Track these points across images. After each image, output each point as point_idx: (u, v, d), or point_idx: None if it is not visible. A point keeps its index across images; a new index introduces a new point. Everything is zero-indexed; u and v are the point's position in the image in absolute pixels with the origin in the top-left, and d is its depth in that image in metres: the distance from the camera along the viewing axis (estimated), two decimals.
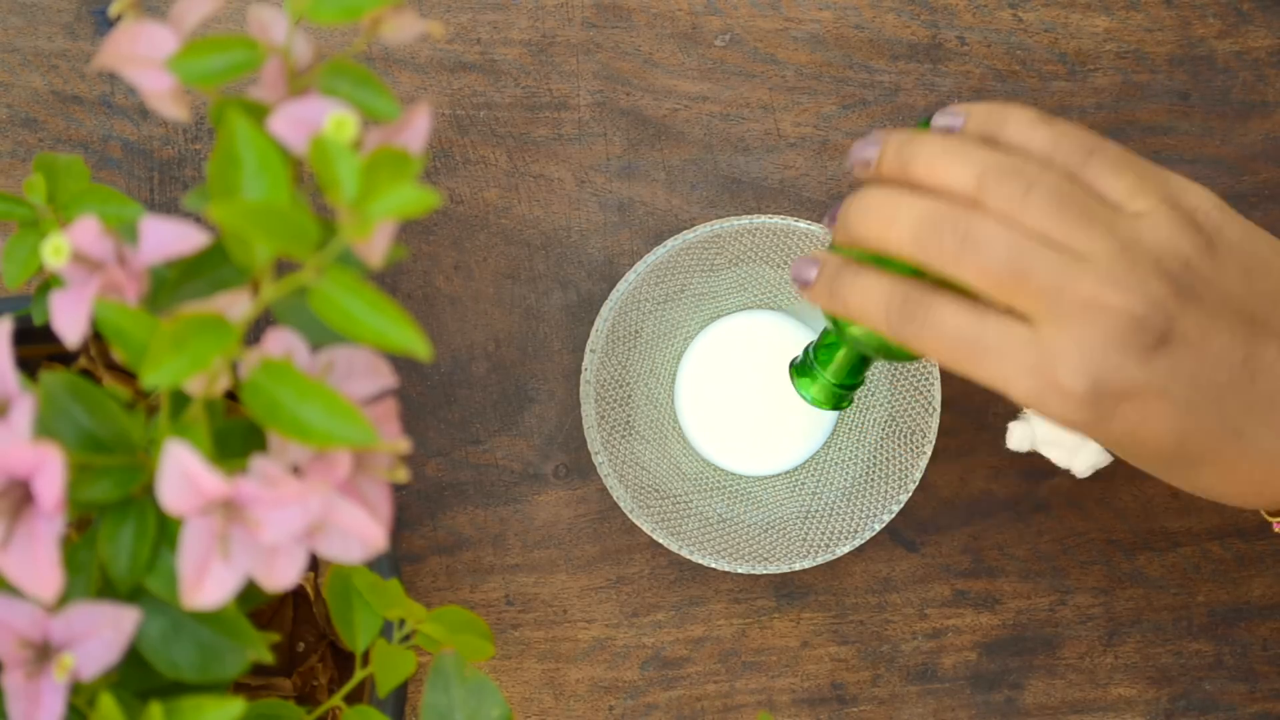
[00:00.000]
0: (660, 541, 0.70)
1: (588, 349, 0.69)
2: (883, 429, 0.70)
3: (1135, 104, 0.71)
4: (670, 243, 0.69)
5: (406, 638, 0.53)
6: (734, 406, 0.71)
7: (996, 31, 0.71)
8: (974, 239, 0.52)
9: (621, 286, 0.69)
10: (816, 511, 0.71)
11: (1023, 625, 0.72)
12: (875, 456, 0.70)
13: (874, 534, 0.69)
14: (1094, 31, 0.71)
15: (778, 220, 0.69)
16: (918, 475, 0.69)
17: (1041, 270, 0.52)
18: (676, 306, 0.71)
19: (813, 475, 0.71)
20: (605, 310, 0.69)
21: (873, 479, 0.70)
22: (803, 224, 0.68)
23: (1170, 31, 0.72)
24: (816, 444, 0.71)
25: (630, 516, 0.69)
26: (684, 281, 0.70)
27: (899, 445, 0.70)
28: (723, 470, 0.71)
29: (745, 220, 0.69)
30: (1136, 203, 0.54)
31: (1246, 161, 0.72)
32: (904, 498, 0.69)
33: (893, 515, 0.69)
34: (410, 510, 0.72)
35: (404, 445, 0.42)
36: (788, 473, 0.72)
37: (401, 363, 0.71)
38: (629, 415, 0.70)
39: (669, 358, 0.71)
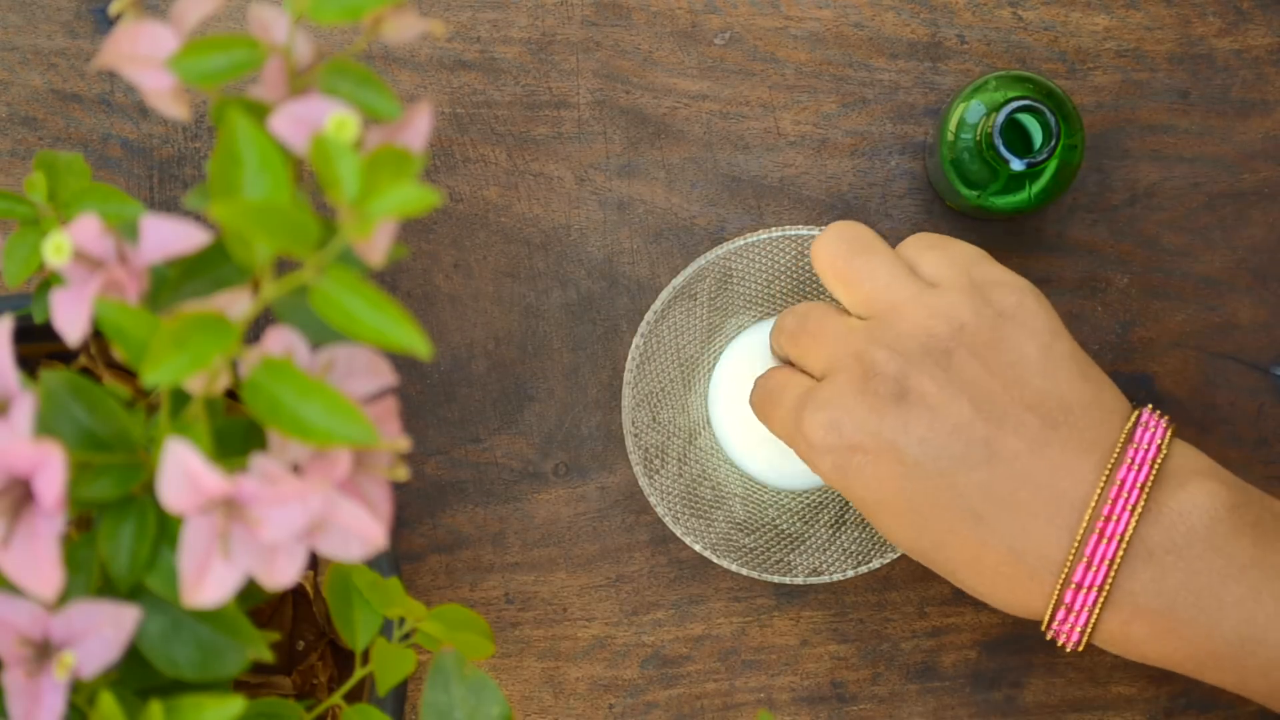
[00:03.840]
0: (685, 540, 0.70)
1: (638, 332, 0.69)
2: None
3: (1135, 102, 0.72)
4: (729, 245, 0.68)
5: (406, 636, 0.53)
6: None
7: (996, 30, 0.71)
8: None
9: (676, 281, 0.68)
10: (849, 521, 0.70)
11: (1022, 623, 0.72)
12: None
13: (895, 556, 0.69)
14: (1094, 30, 0.71)
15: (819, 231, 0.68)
16: None
17: (828, 329, 0.60)
18: (727, 305, 0.70)
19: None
20: (657, 303, 0.68)
21: None
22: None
23: (1170, 30, 0.72)
24: None
25: (666, 521, 0.69)
26: (736, 284, 0.70)
27: None
28: (754, 478, 0.71)
29: (804, 230, 0.68)
30: (939, 274, 0.59)
31: (1246, 160, 0.72)
32: None
33: None
34: (410, 509, 0.72)
35: (404, 444, 0.42)
36: (822, 485, 0.71)
37: (401, 361, 0.71)
38: (664, 415, 0.70)
39: (710, 358, 0.71)
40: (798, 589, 0.72)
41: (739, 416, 0.70)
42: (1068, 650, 0.60)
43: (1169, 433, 0.56)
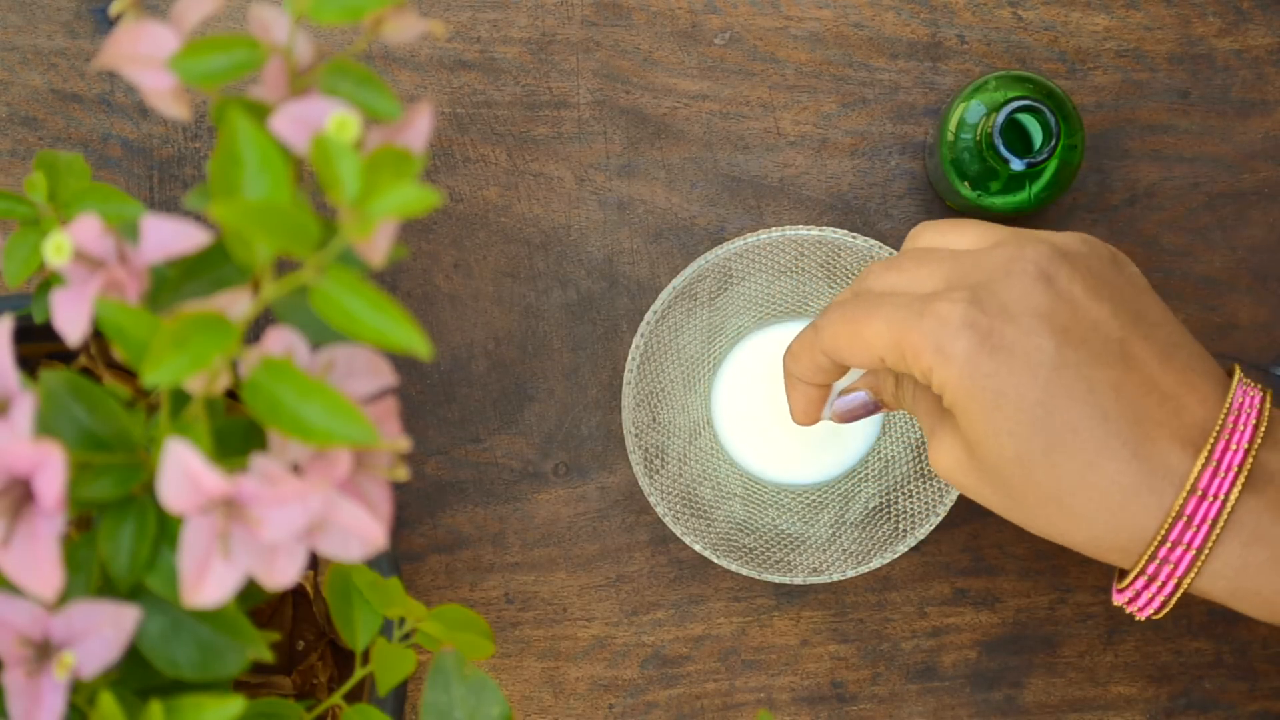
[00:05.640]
0: (685, 540, 0.70)
1: (638, 332, 0.69)
2: (918, 448, 0.70)
3: (1135, 102, 0.72)
4: (729, 245, 0.68)
5: (406, 636, 0.53)
6: (772, 415, 0.70)
7: (996, 30, 0.71)
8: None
9: (677, 281, 0.68)
10: (849, 521, 0.70)
11: (1022, 624, 0.72)
12: (905, 480, 0.70)
13: (895, 556, 0.69)
14: (1094, 30, 0.71)
15: (829, 233, 0.68)
16: (949, 501, 0.68)
17: (937, 253, 0.57)
18: (727, 305, 0.70)
19: (846, 488, 0.71)
20: (658, 303, 0.68)
21: (901, 495, 0.70)
22: (860, 240, 0.67)
23: (1170, 30, 0.72)
24: (854, 457, 0.71)
25: (666, 521, 0.69)
26: (736, 285, 0.70)
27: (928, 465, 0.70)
28: (756, 477, 0.71)
29: (804, 231, 0.68)
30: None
31: (1246, 160, 0.72)
32: (935, 520, 0.68)
33: (919, 539, 0.69)
34: (410, 509, 0.72)
35: (404, 444, 0.42)
36: (823, 483, 0.71)
37: (401, 361, 0.71)
38: (665, 415, 0.70)
39: (712, 359, 0.71)
40: (798, 589, 0.72)
41: (741, 417, 0.70)
42: (1154, 607, 0.54)
43: (1268, 394, 0.55)
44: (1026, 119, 0.66)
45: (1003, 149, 0.63)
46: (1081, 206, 0.72)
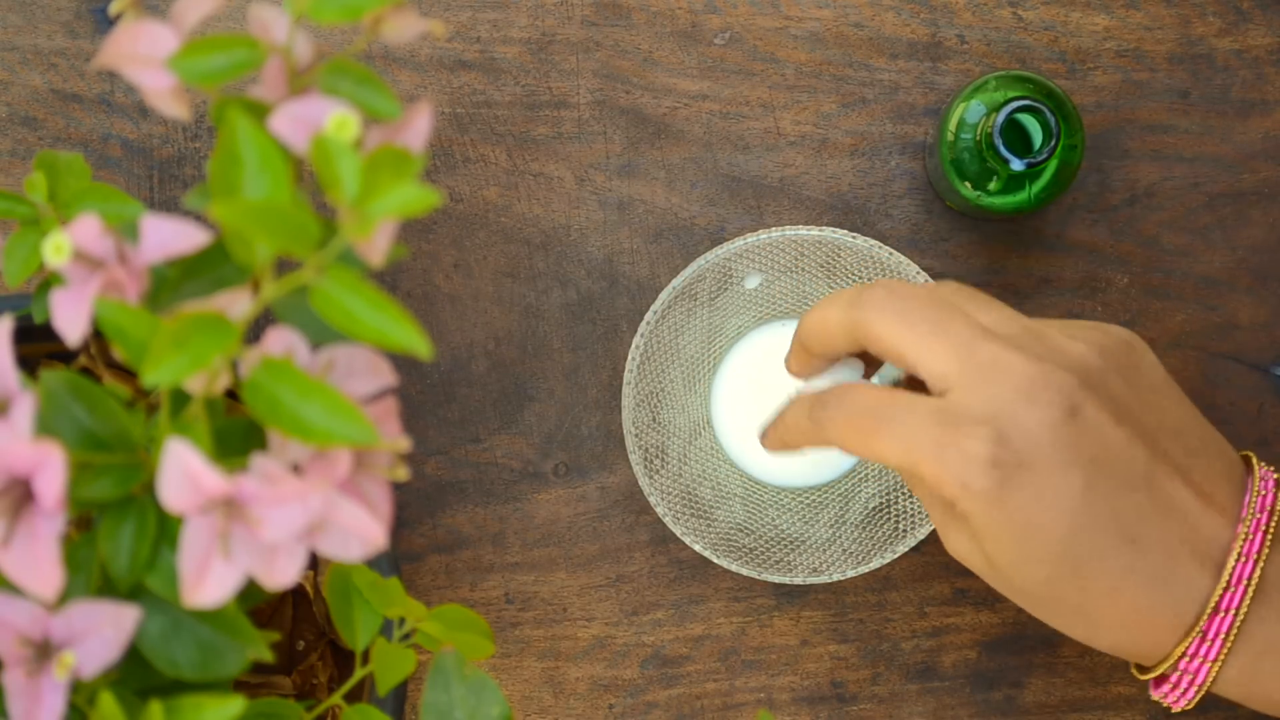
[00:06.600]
0: (685, 540, 0.70)
1: (638, 332, 0.69)
2: None
3: (1135, 102, 0.72)
4: (729, 245, 0.68)
5: (406, 636, 0.53)
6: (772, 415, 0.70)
7: (996, 30, 0.71)
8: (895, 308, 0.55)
9: (676, 281, 0.68)
10: (849, 521, 0.71)
11: (1023, 624, 0.72)
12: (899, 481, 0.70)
13: (895, 556, 0.69)
14: (1094, 30, 0.71)
15: (829, 233, 0.68)
16: None
17: (955, 330, 0.54)
18: (727, 305, 0.70)
19: (846, 488, 0.71)
20: (658, 303, 0.68)
21: (901, 495, 0.70)
22: (860, 240, 0.67)
23: (1170, 30, 0.72)
24: (854, 457, 0.71)
25: (665, 520, 0.69)
26: (736, 285, 0.70)
27: None
28: (755, 477, 0.71)
29: (804, 231, 0.68)
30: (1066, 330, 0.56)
31: (1246, 160, 0.72)
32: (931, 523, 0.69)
33: (919, 539, 0.69)
34: (410, 509, 0.72)
35: (404, 444, 0.42)
36: (823, 483, 0.71)
37: (401, 361, 0.71)
38: (665, 415, 0.70)
39: (711, 358, 0.71)
40: (798, 589, 0.72)
41: (741, 417, 0.70)
42: (1181, 705, 0.56)
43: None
44: (1026, 119, 0.66)
45: (1003, 149, 0.63)
46: (1081, 206, 0.72)
